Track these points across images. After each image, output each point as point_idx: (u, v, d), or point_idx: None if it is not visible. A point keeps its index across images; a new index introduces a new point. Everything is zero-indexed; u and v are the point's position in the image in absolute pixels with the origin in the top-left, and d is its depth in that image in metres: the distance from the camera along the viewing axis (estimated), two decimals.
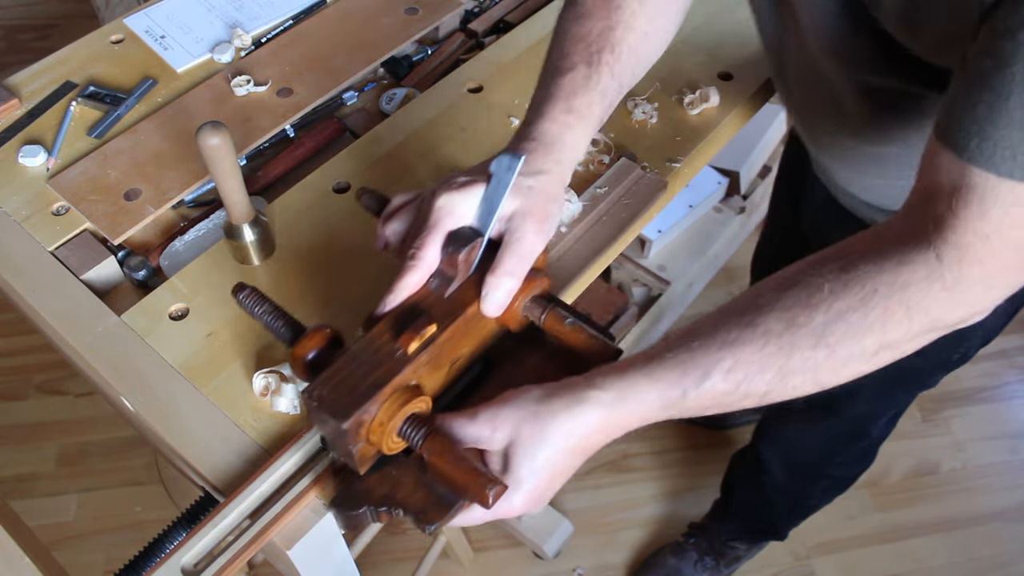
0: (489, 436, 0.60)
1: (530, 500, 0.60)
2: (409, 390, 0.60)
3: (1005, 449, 1.84)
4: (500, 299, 0.63)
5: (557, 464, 0.60)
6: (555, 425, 0.58)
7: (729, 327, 0.57)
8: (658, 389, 0.58)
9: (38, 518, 1.69)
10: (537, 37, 1.04)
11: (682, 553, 1.60)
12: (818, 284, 0.56)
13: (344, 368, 0.59)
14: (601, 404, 0.58)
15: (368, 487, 0.63)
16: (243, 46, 1.04)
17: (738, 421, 1.83)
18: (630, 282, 1.86)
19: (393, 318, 0.61)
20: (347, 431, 0.57)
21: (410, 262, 0.62)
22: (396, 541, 1.68)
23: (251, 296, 0.66)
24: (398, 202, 0.70)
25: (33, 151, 0.91)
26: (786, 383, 0.57)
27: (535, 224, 0.63)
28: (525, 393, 0.60)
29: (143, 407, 0.72)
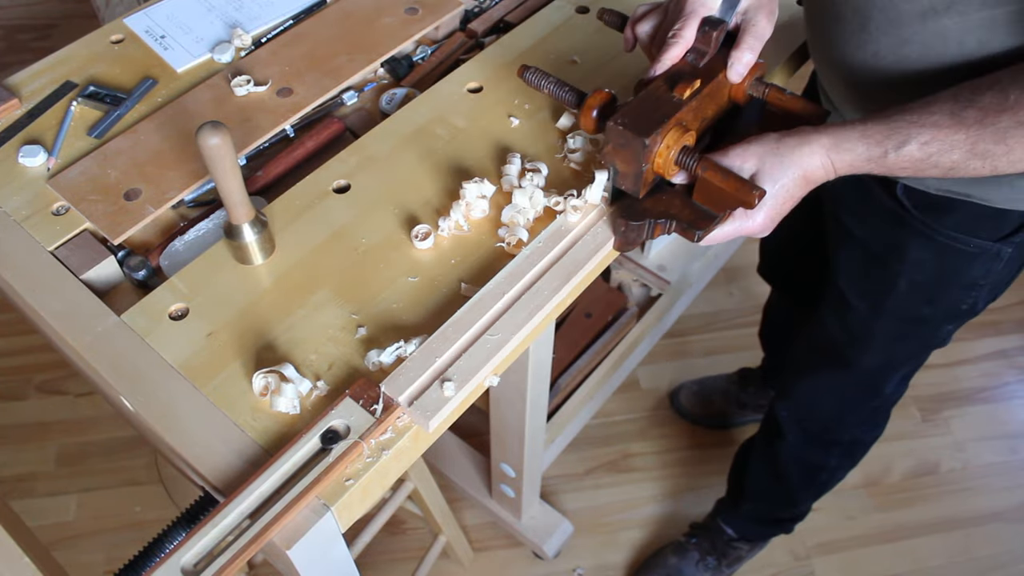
0: (740, 165, 0.76)
1: (769, 217, 0.77)
2: (683, 127, 0.77)
3: (1005, 449, 1.84)
4: (742, 67, 0.81)
5: (790, 189, 0.76)
6: (791, 158, 0.75)
7: (934, 109, 0.72)
8: (866, 144, 0.73)
9: (38, 518, 1.69)
10: (537, 37, 1.04)
11: (684, 553, 1.60)
12: (1006, 94, 0.69)
13: (638, 107, 0.76)
14: (823, 146, 0.74)
15: (646, 206, 0.80)
16: (243, 46, 1.05)
17: (739, 420, 1.84)
18: (630, 282, 1.86)
19: (665, 78, 0.79)
20: (648, 146, 0.74)
21: (673, 39, 0.80)
22: (396, 541, 1.68)
23: (536, 73, 0.85)
24: (643, 10, 0.88)
25: (33, 151, 0.91)
26: (969, 164, 0.72)
27: (766, 14, 0.81)
28: (765, 136, 0.77)
29: (143, 407, 0.72)
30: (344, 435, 0.67)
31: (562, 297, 0.79)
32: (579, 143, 0.90)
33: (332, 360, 0.75)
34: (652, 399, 1.90)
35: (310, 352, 0.76)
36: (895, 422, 1.77)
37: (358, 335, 0.76)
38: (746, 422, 1.83)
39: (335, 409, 0.69)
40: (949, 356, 1.97)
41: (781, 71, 1.04)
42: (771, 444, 1.41)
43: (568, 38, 1.04)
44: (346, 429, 0.68)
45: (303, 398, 0.72)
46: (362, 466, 0.68)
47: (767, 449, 1.43)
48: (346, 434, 0.67)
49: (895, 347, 1.13)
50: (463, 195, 0.85)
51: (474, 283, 0.80)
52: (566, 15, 1.07)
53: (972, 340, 2.01)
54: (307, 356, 0.75)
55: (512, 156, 0.90)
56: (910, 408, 1.89)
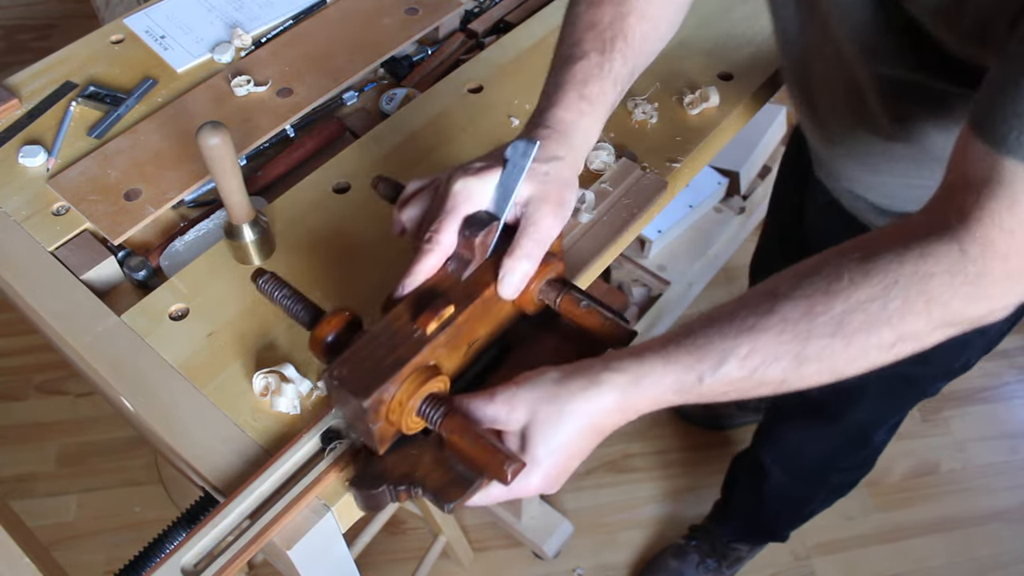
0: (507, 416, 0.60)
1: (547, 480, 0.61)
2: (428, 370, 0.61)
3: (1005, 449, 1.84)
4: (517, 281, 0.64)
5: (573, 444, 0.61)
6: (572, 406, 0.59)
7: (746, 314, 0.58)
8: (674, 373, 0.58)
9: (38, 518, 1.69)
10: (537, 37, 1.04)
11: (684, 555, 1.60)
12: (838, 273, 0.56)
13: (364, 349, 0.60)
14: (617, 386, 0.59)
15: (387, 467, 0.63)
16: (243, 46, 1.04)
17: (738, 421, 1.84)
18: (630, 282, 1.86)
19: (411, 300, 0.63)
20: (368, 409, 0.58)
21: (427, 245, 0.63)
22: (396, 541, 1.68)
23: (270, 281, 0.68)
24: (413, 188, 0.71)
25: (33, 151, 0.91)
26: (802, 371, 0.57)
27: (551, 208, 0.64)
28: (542, 374, 0.61)
29: (143, 407, 0.72)
30: (344, 435, 0.67)
31: None
32: None
33: None
34: None
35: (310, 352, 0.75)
36: None
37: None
38: (745, 423, 1.83)
39: (334, 410, 0.69)
40: None
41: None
42: (756, 481, 1.41)
43: None
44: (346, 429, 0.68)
45: (303, 398, 0.72)
46: None
47: (751, 485, 1.43)
48: (346, 434, 0.67)
49: (884, 403, 1.11)
50: None
51: None
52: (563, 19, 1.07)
53: None
54: (307, 356, 0.75)
55: None
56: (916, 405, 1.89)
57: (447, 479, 0.62)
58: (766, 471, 1.35)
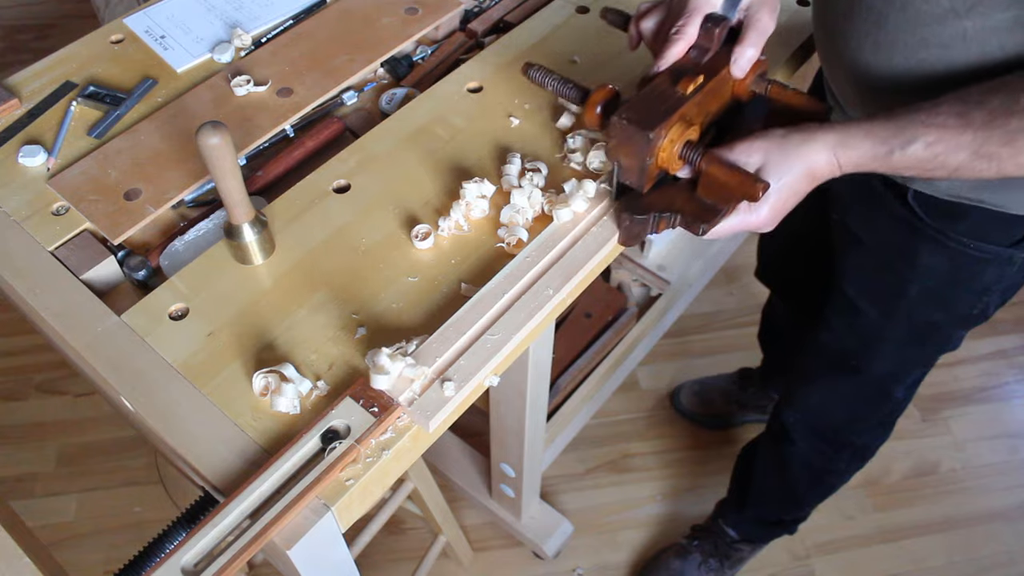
0: (745, 160, 0.76)
1: (773, 212, 0.77)
2: (687, 121, 0.77)
3: (1005, 449, 1.84)
4: (746, 62, 0.81)
5: (794, 185, 0.76)
6: (796, 153, 0.75)
7: (941, 110, 0.71)
8: (871, 142, 0.73)
9: (38, 518, 1.69)
10: (537, 37, 1.04)
11: (685, 555, 1.60)
12: (1016, 96, 0.69)
13: (639, 102, 0.76)
14: (828, 143, 0.74)
15: (651, 201, 0.80)
16: (243, 46, 1.05)
17: (739, 420, 1.84)
18: (630, 282, 1.86)
19: (668, 73, 0.79)
20: (652, 140, 0.74)
21: (676, 36, 0.80)
22: (396, 541, 1.68)
23: (540, 70, 0.86)
24: (645, 6, 0.88)
25: (33, 151, 0.91)
26: (974, 165, 0.71)
27: (768, 10, 0.81)
28: (771, 131, 0.77)
29: (143, 407, 0.72)
30: (344, 435, 0.67)
31: (562, 297, 0.79)
32: (579, 143, 0.90)
33: (332, 360, 0.75)
34: (652, 399, 1.90)
35: (310, 352, 0.76)
36: None
37: (358, 335, 0.76)
38: (746, 422, 1.83)
39: (335, 409, 0.69)
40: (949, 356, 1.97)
41: (782, 70, 1.04)
42: (778, 449, 1.40)
43: (568, 38, 1.04)
44: (346, 429, 0.68)
45: (303, 398, 0.72)
46: (362, 466, 0.68)
47: (774, 454, 1.42)
48: (346, 434, 0.67)
49: (906, 353, 1.12)
50: (463, 195, 0.85)
51: (474, 283, 0.80)
52: (566, 15, 1.07)
53: (972, 340, 2.00)
54: (307, 356, 0.75)
55: (512, 156, 0.90)
56: (910, 408, 1.88)
57: (699, 209, 0.78)
58: (789, 434, 1.34)
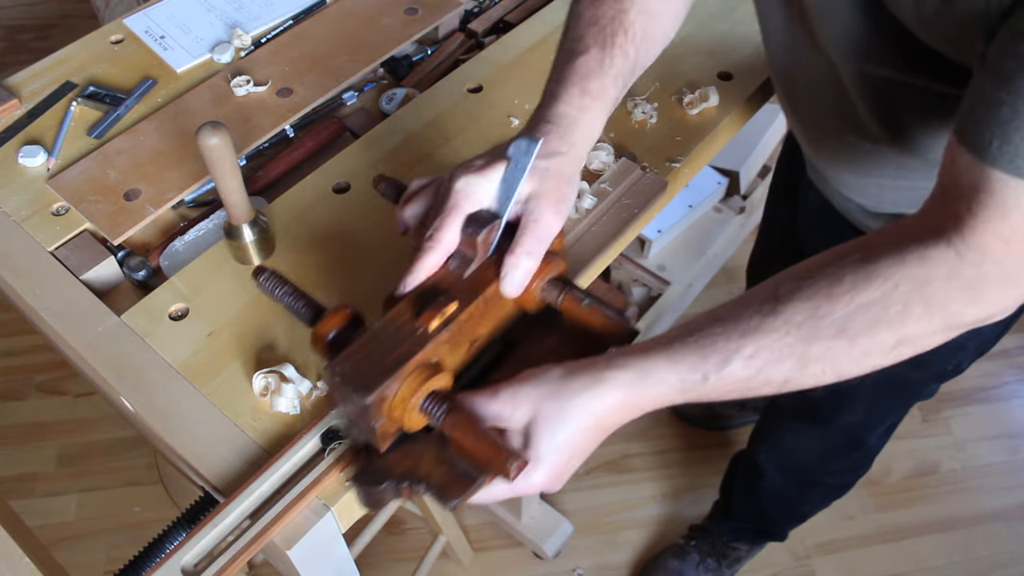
0: (510, 414, 0.60)
1: (550, 478, 0.61)
2: (430, 367, 0.61)
3: (1005, 449, 1.84)
4: (519, 278, 0.64)
5: (577, 442, 0.61)
6: (576, 404, 0.59)
7: (751, 314, 0.58)
8: (679, 372, 0.58)
9: (38, 518, 1.69)
10: (537, 37, 1.04)
11: (684, 555, 1.60)
12: (839, 276, 0.57)
13: (366, 345, 0.60)
14: (622, 384, 0.59)
15: (390, 463, 0.63)
16: (243, 46, 1.05)
17: (738, 421, 1.84)
18: (630, 282, 1.86)
19: (413, 298, 0.63)
20: (370, 406, 0.58)
21: (429, 243, 0.63)
22: (396, 541, 1.68)
23: (271, 278, 0.68)
24: (416, 186, 0.71)
25: (33, 151, 0.91)
26: (806, 372, 0.57)
27: (552, 205, 0.64)
28: (546, 372, 0.61)
29: (143, 407, 0.72)
30: (345, 434, 0.67)
31: None
32: None
33: None
34: None
35: (310, 352, 0.75)
36: None
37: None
38: (745, 423, 1.83)
39: (336, 409, 0.69)
40: None
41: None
42: (752, 481, 1.41)
43: None
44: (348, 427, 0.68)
45: (303, 398, 0.72)
46: None
47: (747, 483, 1.44)
48: (347, 433, 0.67)
49: (877, 405, 1.11)
50: None
51: None
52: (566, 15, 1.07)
53: None
54: (307, 356, 0.75)
55: None
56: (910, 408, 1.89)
57: (449, 476, 0.61)
58: (761, 470, 1.35)
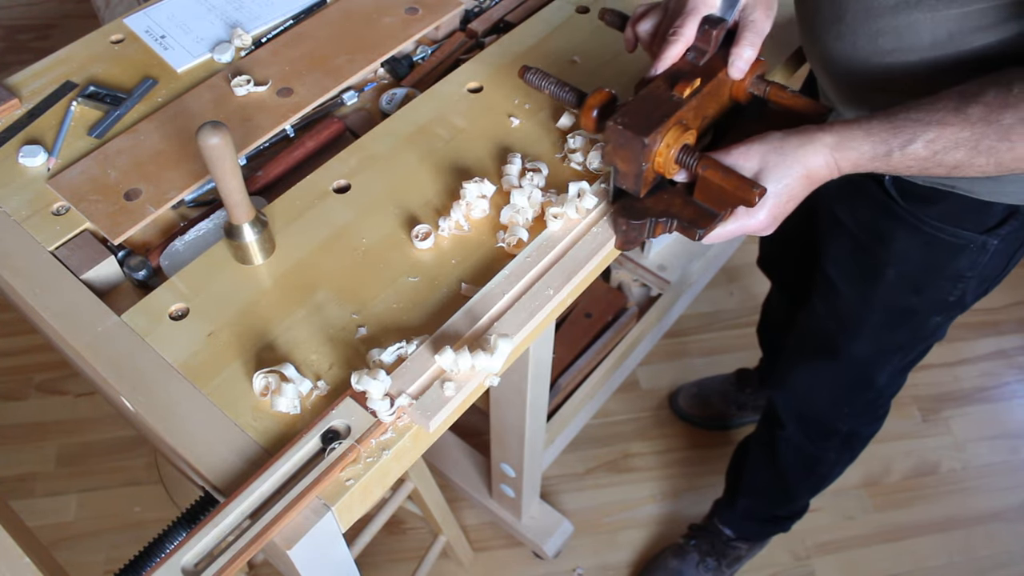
0: (742, 164, 0.76)
1: (771, 216, 0.77)
2: (683, 126, 0.77)
3: (1005, 449, 1.84)
4: (744, 64, 0.81)
5: (793, 188, 0.76)
6: (794, 156, 0.75)
7: (940, 107, 0.72)
8: (871, 142, 0.73)
9: (38, 518, 1.69)
10: (537, 37, 1.04)
11: (683, 555, 1.60)
12: (1009, 88, 0.70)
13: (635, 106, 0.76)
14: (826, 145, 0.75)
15: (647, 205, 0.80)
16: (243, 46, 1.05)
17: (738, 422, 1.84)
18: (630, 282, 1.86)
19: (665, 77, 0.79)
20: (648, 145, 0.73)
21: (673, 37, 0.80)
22: (396, 541, 1.68)
23: (537, 73, 0.86)
24: (644, 8, 0.88)
25: (33, 151, 0.91)
26: (973, 161, 0.72)
27: (764, 11, 0.81)
28: (769, 134, 0.77)
29: (143, 407, 0.72)
30: (344, 435, 0.67)
31: (562, 297, 0.79)
32: (579, 143, 0.90)
33: (332, 360, 0.75)
34: (652, 399, 1.90)
35: (310, 352, 0.76)
36: (895, 422, 1.77)
37: (359, 335, 0.76)
38: (745, 423, 1.83)
39: (335, 409, 0.69)
40: (949, 356, 1.97)
41: (780, 71, 1.04)
42: (770, 435, 1.41)
43: (568, 38, 1.04)
44: (346, 429, 0.68)
45: (303, 398, 0.72)
46: (362, 466, 0.68)
47: (766, 440, 1.43)
48: (346, 434, 0.67)
49: (884, 336, 1.13)
50: (463, 195, 0.85)
51: (474, 283, 0.80)
52: (566, 15, 1.07)
53: (972, 340, 2.01)
54: (307, 356, 0.75)
55: (512, 156, 0.90)
56: (910, 408, 1.89)
57: (696, 214, 0.78)
58: (780, 419, 1.35)
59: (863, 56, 0.86)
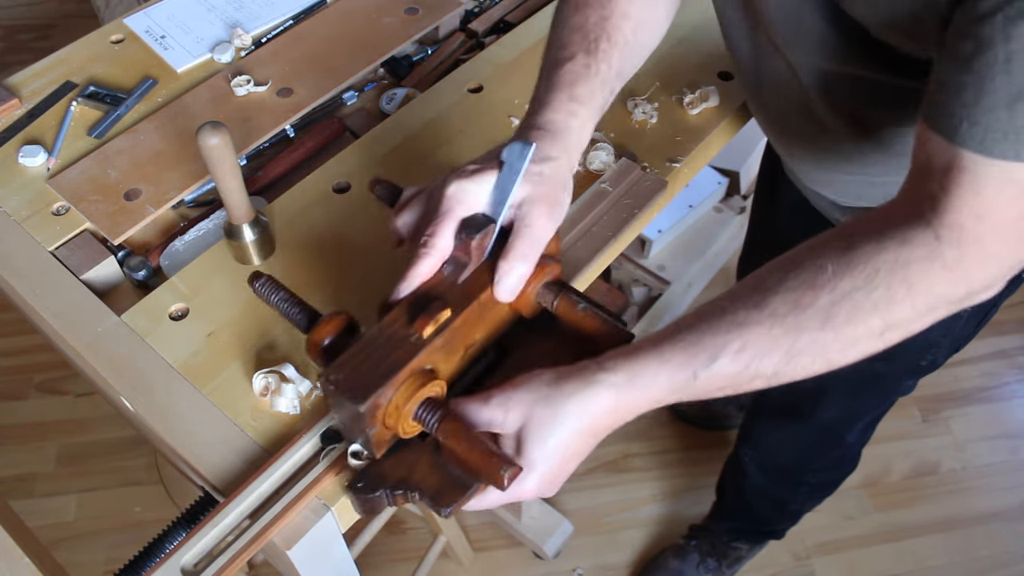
0: (502, 419, 0.60)
1: (543, 483, 0.61)
2: (424, 374, 0.60)
3: (1005, 449, 1.84)
4: (513, 284, 0.63)
5: (569, 446, 0.60)
6: (567, 408, 0.59)
7: (736, 309, 0.58)
8: (668, 371, 0.58)
9: (38, 518, 1.69)
10: (537, 37, 1.04)
11: (684, 555, 1.60)
12: (821, 265, 0.57)
13: (360, 352, 0.59)
14: (612, 386, 0.59)
15: (384, 471, 0.63)
16: (243, 46, 1.05)
17: (737, 422, 1.83)
18: (630, 282, 1.86)
19: (407, 304, 0.62)
20: (364, 414, 0.57)
21: (423, 249, 0.62)
22: (396, 541, 1.68)
23: (267, 284, 0.67)
24: (408, 194, 0.70)
25: (33, 151, 0.91)
26: (794, 364, 0.58)
27: (546, 210, 0.64)
28: (537, 376, 0.61)
29: (143, 407, 0.72)
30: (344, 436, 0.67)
31: None
32: None
33: None
34: None
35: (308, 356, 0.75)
36: (895, 422, 1.77)
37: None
38: None
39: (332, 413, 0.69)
40: None
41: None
42: (738, 482, 1.42)
43: None
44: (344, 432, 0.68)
45: (303, 398, 0.72)
46: None
47: (735, 484, 1.45)
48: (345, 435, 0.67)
49: (852, 402, 1.11)
50: None
51: None
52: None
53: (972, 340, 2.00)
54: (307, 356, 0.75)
55: None
56: (910, 408, 1.89)
57: (444, 483, 0.62)
58: (745, 471, 1.36)
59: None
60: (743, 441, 1.36)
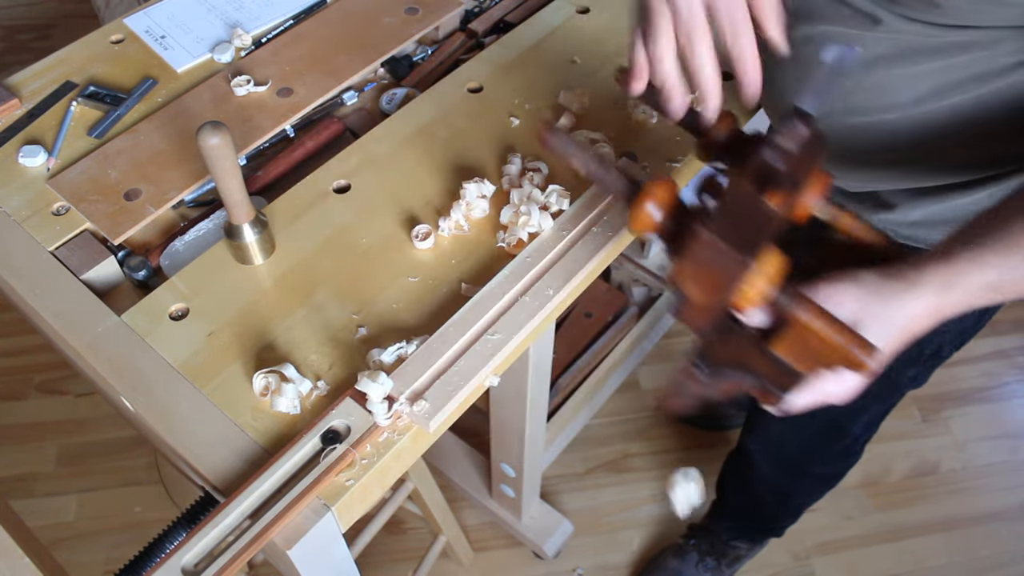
0: (832, 310, 0.59)
1: (861, 383, 0.63)
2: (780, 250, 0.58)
3: (1005, 449, 1.84)
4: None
5: (890, 344, 0.61)
6: (897, 305, 0.60)
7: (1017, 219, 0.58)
8: (982, 273, 0.59)
9: (38, 518, 1.69)
10: (537, 37, 1.04)
11: (683, 555, 1.60)
12: None
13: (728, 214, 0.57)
14: (932, 288, 0.60)
15: (721, 354, 0.62)
16: (243, 46, 1.05)
17: (738, 422, 1.83)
18: (630, 282, 1.86)
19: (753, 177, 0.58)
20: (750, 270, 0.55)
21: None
22: (396, 541, 1.68)
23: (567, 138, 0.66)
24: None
25: (33, 151, 0.91)
26: None
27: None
28: (861, 273, 0.61)
29: (143, 407, 0.72)
30: (344, 435, 0.67)
31: (563, 297, 0.79)
32: None
33: (333, 360, 0.75)
34: (652, 399, 1.90)
35: (311, 352, 0.76)
36: (895, 422, 1.77)
37: (359, 335, 0.76)
38: None
39: (336, 409, 0.69)
40: None
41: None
42: (742, 473, 1.42)
43: (568, 38, 1.04)
44: (347, 429, 0.68)
45: (304, 398, 0.72)
46: (362, 466, 0.68)
47: (739, 476, 1.44)
48: (347, 434, 0.67)
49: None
50: (463, 195, 0.85)
51: (474, 283, 0.80)
52: (566, 15, 1.07)
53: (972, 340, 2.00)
54: (307, 356, 0.75)
55: (513, 156, 0.90)
56: (910, 408, 1.89)
57: (776, 371, 0.60)
58: (752, 462, 1.36)
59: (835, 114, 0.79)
60: (749, 433, 1.36)
